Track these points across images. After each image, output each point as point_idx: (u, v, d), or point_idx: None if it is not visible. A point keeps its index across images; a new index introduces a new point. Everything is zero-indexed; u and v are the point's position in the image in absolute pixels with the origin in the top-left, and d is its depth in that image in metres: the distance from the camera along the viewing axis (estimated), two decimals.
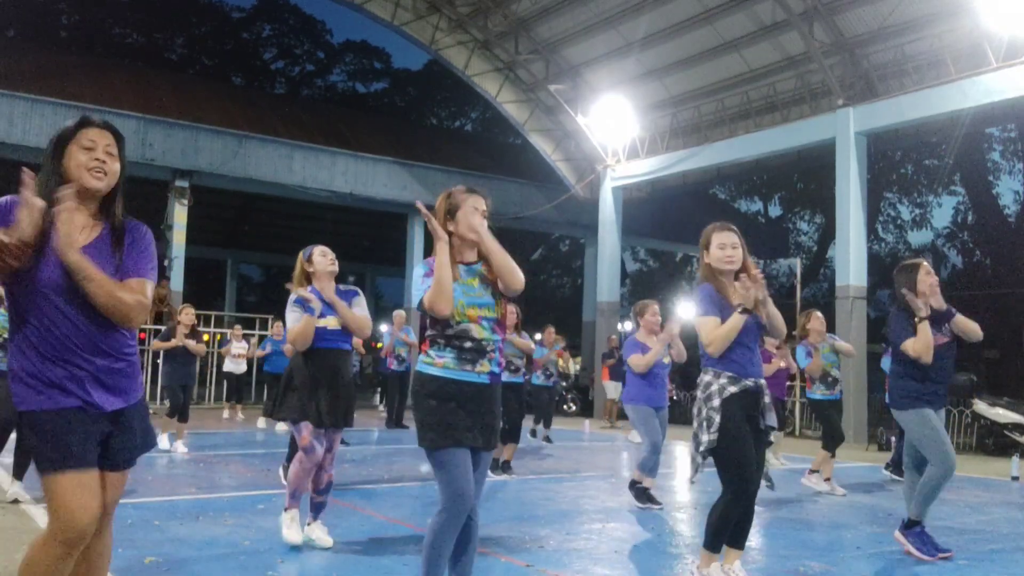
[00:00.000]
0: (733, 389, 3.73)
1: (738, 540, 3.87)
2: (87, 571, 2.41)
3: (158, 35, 36.32)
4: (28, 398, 2.27)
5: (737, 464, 3.71)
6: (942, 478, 4.70)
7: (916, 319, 4.64)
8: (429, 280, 2.98)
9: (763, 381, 3.85)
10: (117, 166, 2.40)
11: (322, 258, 4.63)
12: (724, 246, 3.86)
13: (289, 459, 6.62)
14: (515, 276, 3.02)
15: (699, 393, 3.85)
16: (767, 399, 3.83)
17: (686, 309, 5.89)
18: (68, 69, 17.73)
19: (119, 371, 2.37)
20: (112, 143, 2.40)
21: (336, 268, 4.67)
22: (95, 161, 2.35)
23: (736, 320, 3.72)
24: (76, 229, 2.24)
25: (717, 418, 3.71)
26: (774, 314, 3.85)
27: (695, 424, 3.83)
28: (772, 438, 4.03)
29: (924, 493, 4.75)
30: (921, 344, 4.63)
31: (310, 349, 4.53)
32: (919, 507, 4.77)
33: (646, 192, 21.04)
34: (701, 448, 3.75)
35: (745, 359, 3.79)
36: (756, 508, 6.37)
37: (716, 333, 3.74)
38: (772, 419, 3.83)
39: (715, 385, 3.76)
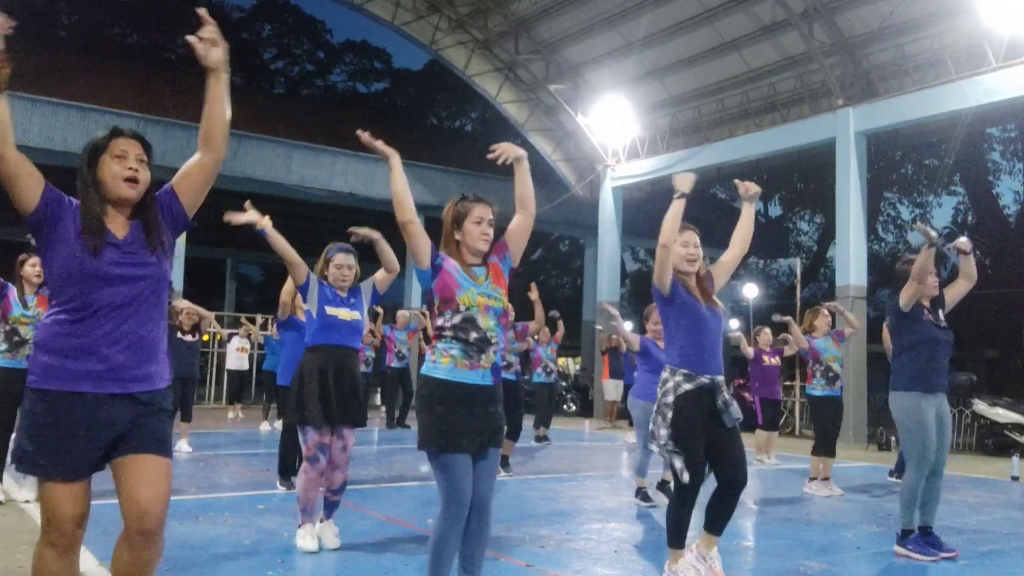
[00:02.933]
0: (688, 386, 3.79)
1: (718, 527, 3.90)
2: None
3: (158, 35, 36.30)
4: (47, 372, 2.31)
5: (686, 460, 3.75)
6: (917, 480, 4.72)
7: (927, 245, 4.71)
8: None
9: (720, 378, 3.86)
10: (148, 174, 2.47)
11: (336, 271, 4.64)
12: (687, 244, 3.92)
13: (282, 465, 6.56)
14: (532, 198, 3.41)
15: (658, 390, 3.91)
16: (725, 396, 3.84)
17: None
18: (68, 69, 17.72)
19: (146, 359, 2.41)
20: (142, 152, 2.46)
21: (347, 285, 4.64)
22: (129, 170, 2.41)
23: (676, 206, 3.79)
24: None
25: (670, 414, 3.78)
26: None
27: (651, 424, 3.89)
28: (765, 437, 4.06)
29: (904, 499, 4.79)
30: (919, 264, 4.70)
31: (320, 346, 4.51)
32: (904, 514, 4.80)
33: (646, 192, 21.04)
34: (662, 442, 3.81)
35: (701, 355, 3.83)
36: (756, 507, 6.42)
37: (663, 229, 3.79)
38: (736, 414, 3.83)
39: (671, 382, 3.84)
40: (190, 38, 2.41)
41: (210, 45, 2.40)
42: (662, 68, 18.19)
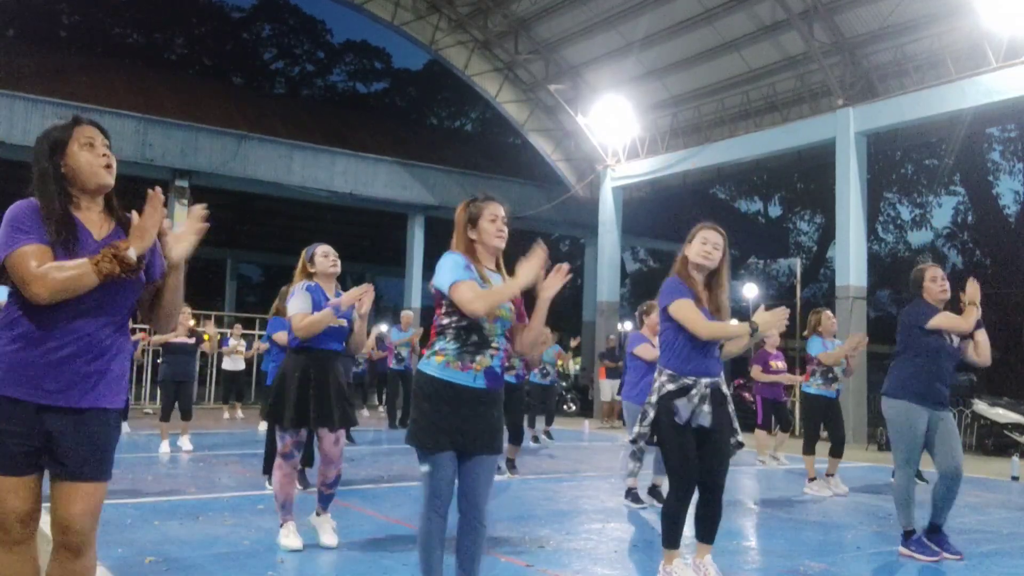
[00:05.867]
0: (670, 387, 3.81)
1: (706, 535, 3.92)
2: None
3: (158, 35, 36.27)
4: None
5: (673, 459, 3.79)
6: (907, 481, 4.74)
7: (972, 306, 4.73)
8: (466, 273, 2.99)
9: (706, 379, 3.79)
10: (115, 160, 2.45)
11: (323, 259, 4.60)
12: (707, 241, 3.89)
13: (267, 463, 6.53)
14: (539, 347, 3.26)
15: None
16: (702, 395, 3.77)
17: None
18: (68, 69, 17.73)
19: (97, 371, 2.34)
20: (105, 140, 2.43)
21: (337, 270, 4.64)
22: (103, 157, 2.37)
23: (740, 331, 3.75)
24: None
25: (651, 413, 3.83)
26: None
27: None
28: (775, 439, 4.06)
29: (897, 500, 4.81)
30: (964, 323, 4.71)
31: (304, 349, 4.50)
32: (901, 516, 4.81)
33: (646, 192, 21.02)
34: (630, 438, 3.89)
35: (688, 357, 3.81)
36: (756, 508, 6.42)
37: (703, 322, 3.73)
38: (705, 420, 3.75)
39: (657, 382, 3.88)
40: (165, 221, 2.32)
41: (184, 237, 2.36)
42: (662, 68, 18.19)
